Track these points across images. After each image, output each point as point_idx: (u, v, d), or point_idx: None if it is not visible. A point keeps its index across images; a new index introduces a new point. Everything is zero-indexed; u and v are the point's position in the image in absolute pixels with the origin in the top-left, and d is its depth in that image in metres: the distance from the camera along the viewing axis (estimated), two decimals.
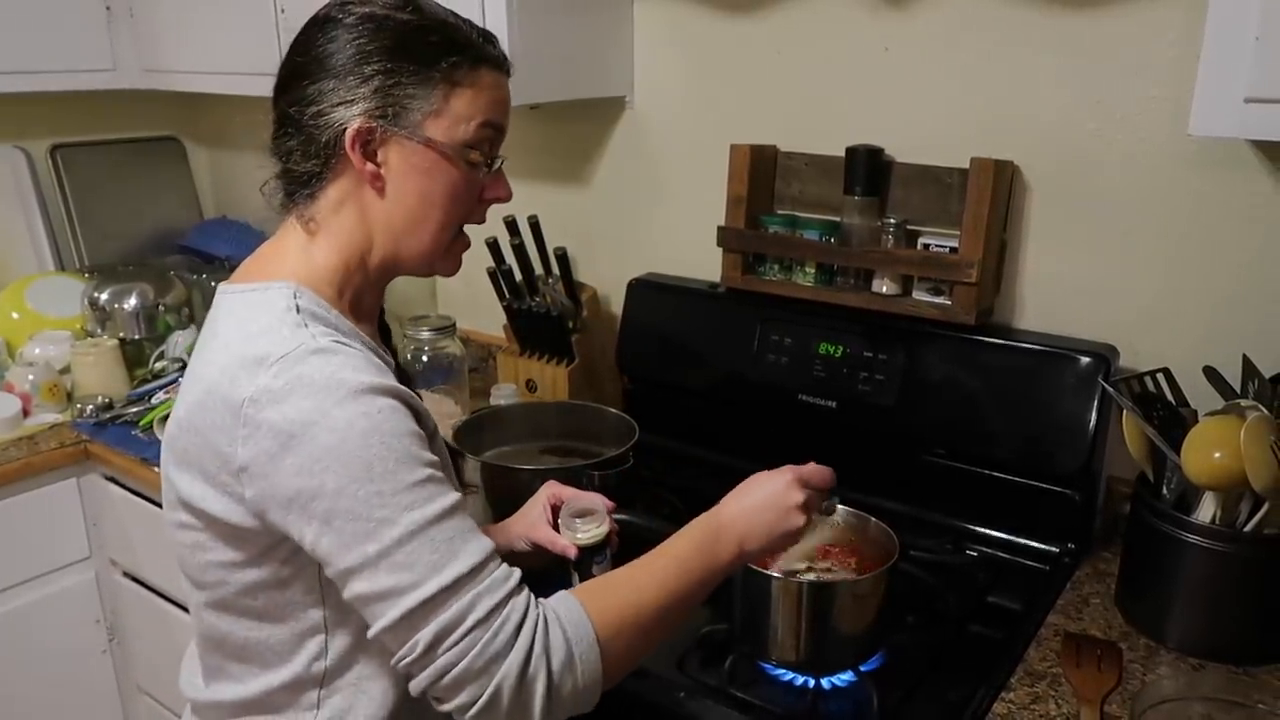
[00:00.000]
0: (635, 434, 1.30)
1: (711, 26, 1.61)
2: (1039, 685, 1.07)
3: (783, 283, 1.52)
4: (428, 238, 0.91)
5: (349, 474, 0.77)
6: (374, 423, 0.78)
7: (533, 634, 0.79)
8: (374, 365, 0.82)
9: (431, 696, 0.79)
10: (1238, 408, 1.12)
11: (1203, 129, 1.01)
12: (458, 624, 0.77)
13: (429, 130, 0.87)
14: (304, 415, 0.77)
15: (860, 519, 1.16)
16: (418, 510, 0.78)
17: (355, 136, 0.85)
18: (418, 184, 0.88)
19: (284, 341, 0.80)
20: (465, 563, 0.78)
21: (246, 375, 0.79)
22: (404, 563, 0.77)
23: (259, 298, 0.86)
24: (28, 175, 2.20)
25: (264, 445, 0.78)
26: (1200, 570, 1.11)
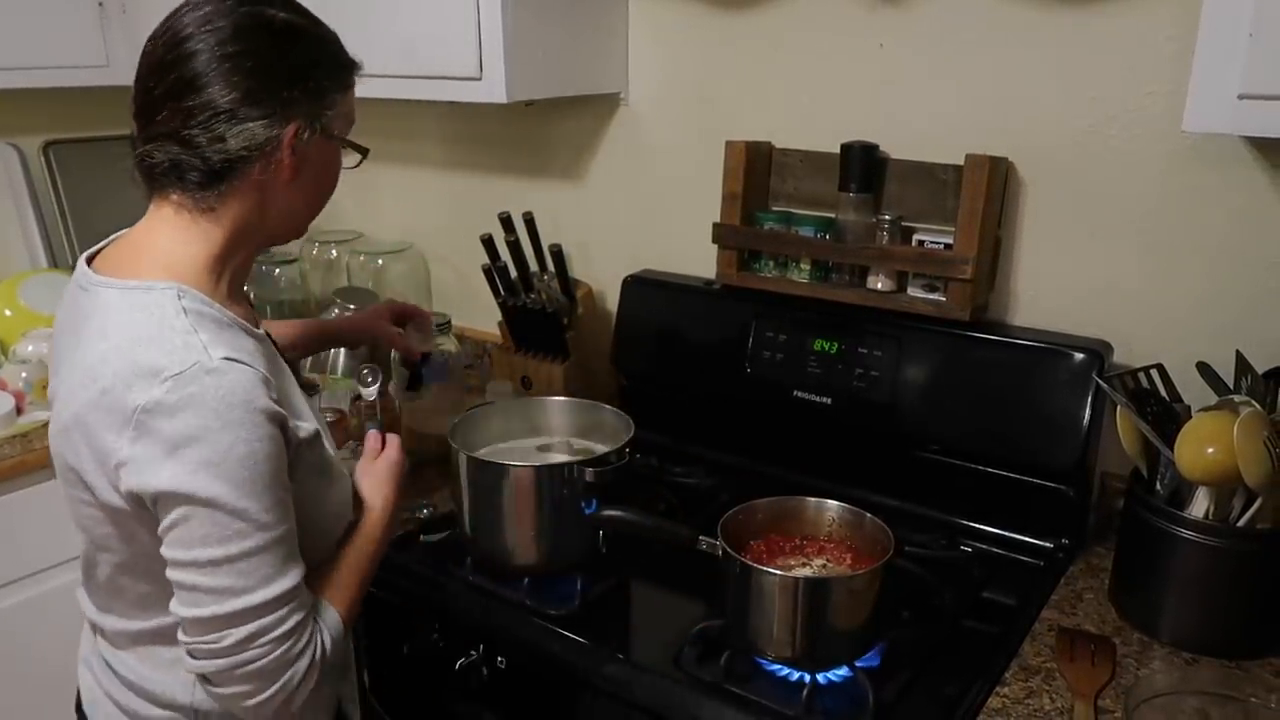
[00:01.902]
0: (631, 430, 1.30)
1: (706, 23, 1.61)
2: (1033, 680, 1.08)
3: (778, 279, 1.52)
4: (312, 217, 1.04)
5: (221, 489, 0.86)
6: (252, 449, 0.87)
7: (315, 646, 0.93)
8: (262, 382, 0.89)
9: (207, 679, 0.91)
10: (1231, 403, 1.12)
11: (1197, 125, 1.01)
12: (270, 631, 0.89)
13: (335, 129, 0.99)
14: (191, 431, 0.85)
15: (856, 515, 1.16)
16: (270, 531, 0.89)
17: (292, 138, 0.94)
18: (321, 174, 1.00)
19: (177, 356, 0.87)
20: (291, 581, 0.91)
21: (141, 385, 0.86)
22: (246, 571, 0.88)
23: (144, 299, 0.91)
24: (20, 172, 2.19)
25: (149, 449, 0.85)
26: (1194, 565, 1.11)
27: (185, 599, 0.89)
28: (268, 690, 0.90)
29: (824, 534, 1.18)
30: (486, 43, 1.48)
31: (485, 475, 1.25)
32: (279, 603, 0.90)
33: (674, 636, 1.14)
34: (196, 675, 0.92)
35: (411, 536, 1.39)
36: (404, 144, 2.08)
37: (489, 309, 1.83)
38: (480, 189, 1.98)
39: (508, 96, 1.50)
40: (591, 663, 1.14)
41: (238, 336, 0.93)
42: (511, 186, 1.93)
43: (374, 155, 1.09)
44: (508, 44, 1.47)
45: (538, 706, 1.21)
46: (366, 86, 1.60)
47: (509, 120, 1.89)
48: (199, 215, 0.95)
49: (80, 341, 0.92)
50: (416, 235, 2.11)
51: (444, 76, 1.54)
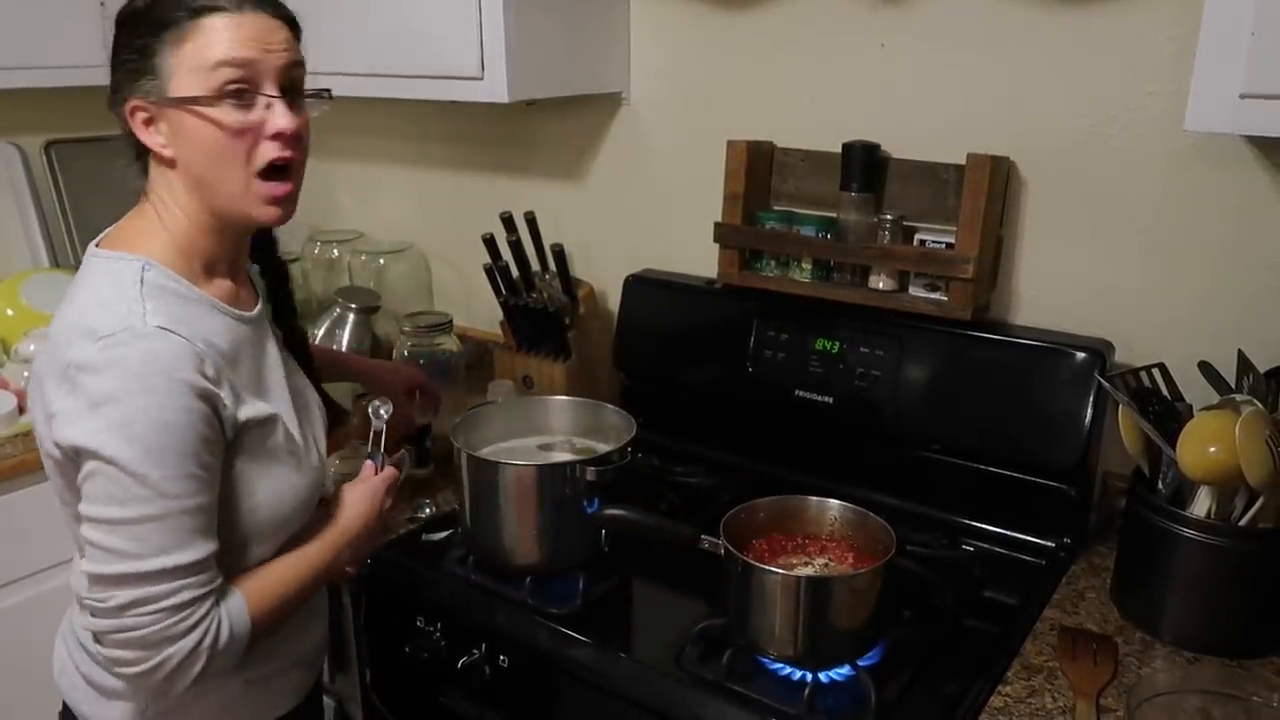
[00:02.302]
0: (633, 430, 1.30)
1: (708, 22, 1.61)
2: (1035, 679, 1.08)
3: (779, 279, 1.52)
4: (224, 189, 0.96)
5: (129, 451, 0.87)
6: (165, 416, 0.88)
7: (205, 629, 0.92)
8: (193, 355, 0.91)
9: (98, 639, 0.93)
10: (1233, 402, 1.12)
11: (1198, 124, 1.01)
12: (155, 600, 0.89)
13: (175, 91, 0.93)
14: (111, 390, 0.87)
15: (857, 514, 1.16)
16: (171, 500, 0.89)
17: (132, 116, 0.95)
18: (191, 143, 0.94)
19: (116, 319, 0.90)
20: (188, 556, 0.90)
21: (79, 343, 0.89)
22: (140, 535, 0.89)
23: (115, 267, 0.96)
24: (22, 171, 2.19)
25: (74, 403, 0.89)
26: (1195, 564, 1.11)
27: (88, 554, 0.91)
28: (146, 662, 0.90)
29: (826, 533, 1.18)
30: (488, 42, 1.48)
31: (487, 474, 1.25)
32: (170, 575, 0.89)
33: (676, 635, 1.14)
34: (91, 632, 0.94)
35: (414, 535, 1.39)
36: (406, 143, 2.08)
37: (490, 308, 1.83)
38: (482, 188, 1.99)
39: (509, 96, 1.50)
40: (593, 662, 1.14)
41: (201, 313, 0.96)
42: (513, 186, 1.93)
43: (375, 155, 1.08)
44: (509, 43, 1.47)
45: (539, 706, 1.21)
46: (368, 86, 1.62)
47: (511, 120, 1.89)
48: (146, 199, 1.00)
49: (62, 305, 0.97)
50: (418, 235, 2.11)
51: (446, 76, 1.54)
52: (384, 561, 1.33)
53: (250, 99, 0.94)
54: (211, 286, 1.00)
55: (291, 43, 0.98)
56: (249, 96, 0.94)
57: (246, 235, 1.06)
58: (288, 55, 0.96)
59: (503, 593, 1.25)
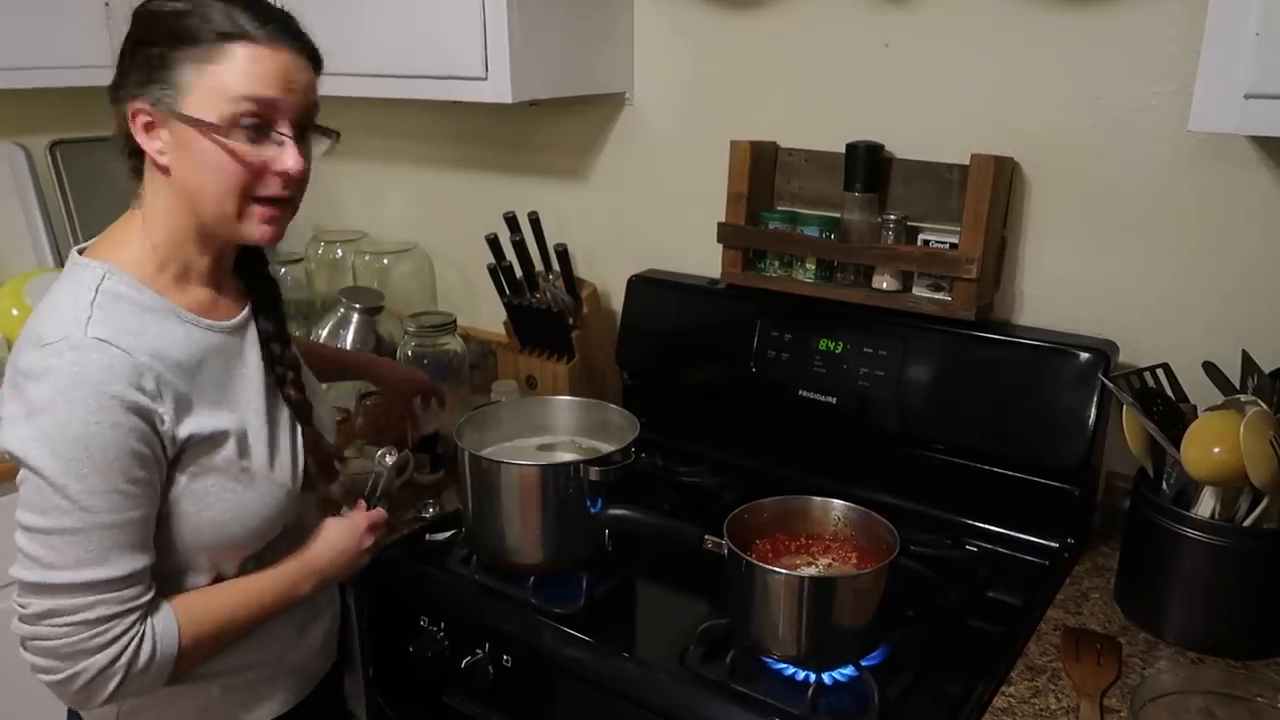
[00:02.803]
0: (636, 430, 1.30)
1: (711, 22, 1.61)
2: (1039, 679, 1.08)
3: (783, 279, 1.52)
4: (214, 208, 0.96)
5: (51, 461, 0.87)
6: (89, 430, 0.87)
7: (124, 646, 0.91)
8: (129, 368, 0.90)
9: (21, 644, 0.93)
10: (1237, 403, 1.12)
11: (1203, 125, 1.01)
12: (66, 614, 0.89)
13: (188, 108, 0.92)
14: (43, 399, 0.88)
15: (861, 514, 1.16)
16: (90, 514, 0.88)
17: (133, 119, 0.94)
18: (193, 160, 0.94)
19: (59, 327, 0.90)
20: (106, 573, 0.90)
21: (27, 349, 0.90)
22: (57, 546, 0.89)
23: (78, 274, 0.96)
24: (27, 172, 2.19)
25: (13, 409, 0.90)
26: (1199, 565, 1.11)
27: (16, 558, 0.91)
28: (60, 673, 0.91)
29: (829, 533, 1.18)
30: (492, 43, 1.48)
31: (491, 474, 1.25)
32: (86, 590, 0.89)
33: (679, 635, 1.14)
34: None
35: (417, 535, 1.39)
36: (409, 144, 2.08)
37: (494, 308, 1.84)
38: (485, 189, 1.99)
39: (513, 96, 1.50)
40: (596, 662, 1.14)
41: (160, 322, 0.95)
42: (516, 186, 1.94)
43: (379, 155, 1.08)
44: (513, 44, 1.47)
45: (542, 705, 1.21)
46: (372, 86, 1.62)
47: (514, 120, 1.89)
48: (135, 201, 1.00)
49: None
50: (422, 235, 2.12)
51: (449, 76, 1.55)
52: (388, 561, 1.33)
53: (264, 134, 0.94)
54: (185, 295, 1.00)
55: (313, 84, 0.97)
56: (264, 132, 0.94)
57: (232, 245, 1.04)
58: (307, 96, 0.97)
59: (506, 592, 1.25)
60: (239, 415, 1.01)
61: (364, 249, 2.10)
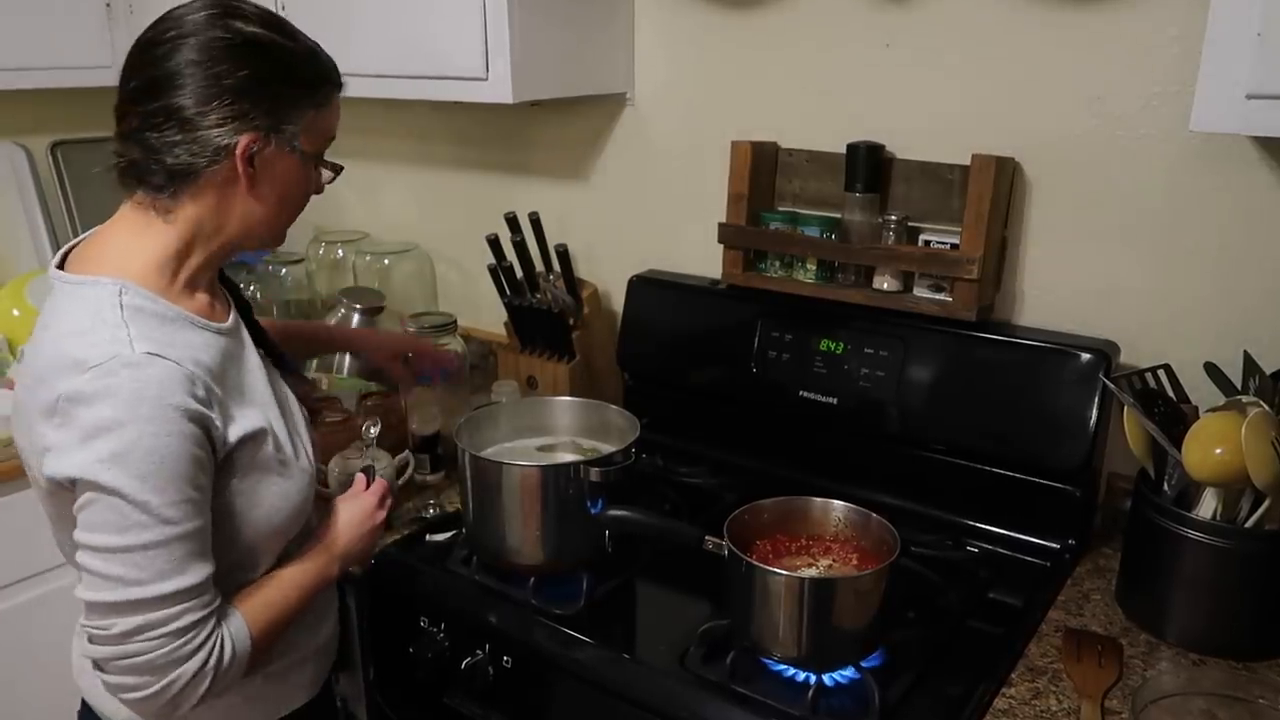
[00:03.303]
0: (637, 430, 1.30)
1: (712, 23, 1.61)
2: (1040, 681, 1.07)
3: (783, 279, 1.52)
4: (279, 227, 1.05)
5: (124, 480, 0.88)
6: (160, 443, 0.88)
7: (210, 650, 0.94)
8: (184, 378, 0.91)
9: (100, 666, 0.93)
10: (1239, 404, 1.12)
11: (1204, 125, 1.01)
12: (158, 626, 0.90)
13: (301, 144, 1.00)
14: (104, 421, 0.88)
15: (861, 515, 1.16)
16: (171, 526, 0.90)
17: (245, 148, 0.96)
18: (282, 187, 1.01)
19: (102, 348, 0.90)
20: (188, 580, 0.91)
21: (66, 375, 0.89)
22: (140, 563, 0.89)
23: (86, 293, 0.95)
24: (28, 172, 2.20)
25: (67, 436, 0.89)
26: (1201, 566, 1.11)
27: (86, 581, 0.92)
28: (152, 686, 0.91)
29: (830, 534, 1.17)
30: (492, 43, 1.48)
31: (491, 475, 1.25)
32: (172, 600, 0.91)
33: (680, 636, 1.14)
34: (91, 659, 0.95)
35: (418, 536, 1.39)
36: (410, 144, 2.08)
37: (495, 309, 1.84)
38: (486, 189, 1.99)
39: (513, 97, 1.50)
40: (597, 662, 1.14)
41: (182, 331, 0.96)
42: (517, 186, 1.94)
43: (380, 155, 1.10)
44: (513, 44, 1.47)
45: (543, 706, 1.21)
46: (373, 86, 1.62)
47: (515, 120, 1.89)
48: (157, 215, 0.98)
49: (34, 337, 0.99)
50: (422, 235, 2.12)
51: (450, 76, 1.55)
52: (388, 562, 1.33)
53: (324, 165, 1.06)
54: (192, 301, 1.01)
55: None
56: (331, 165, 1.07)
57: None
58: None
59: (506, 593, 1.25)
60: (262, 411, 1.03)
61: (365, 249, 2.10)
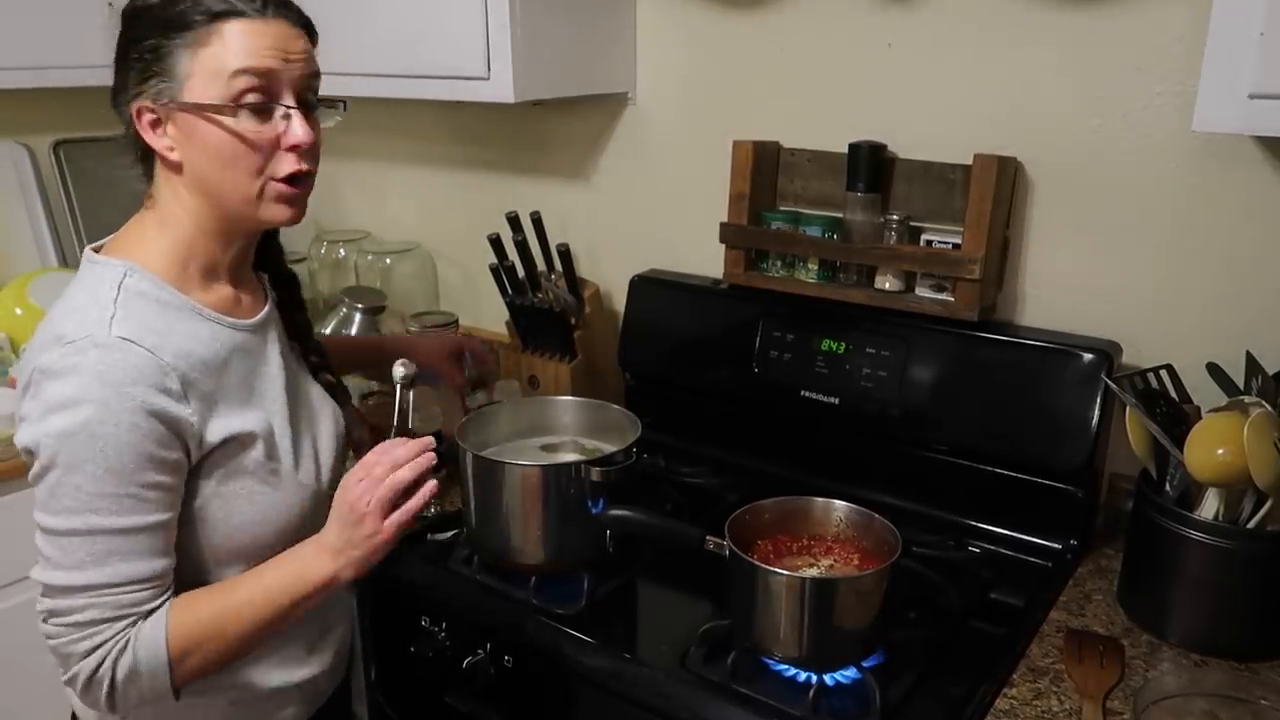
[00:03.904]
0: (638, 430, 1.30)
1: (714, 22, 1.60)
2: (1041, 681, 1.07)
3: (785, 279, 1.52)
4: (233, 194, 0.95)
5: (64, 459, 0.87)
6: (106, 430, 0.86)
7: (106, 653, 0.90)
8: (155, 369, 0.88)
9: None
10: (1241, 404, 1.12)
11: (1207, 125, 1.01)
12: (61, 615, 0.90)
13: (189, 95, 0.91)
14: (63, 398, 0.86)
15: (863, 515, 1.16)
16: (97, 516, 0.88)
17: (139, 119, 0.93)
18: (203, 149, 0.92)
19: (82, 326, 0.88)
20: (101, 577, 0.89)
21: (47, 348, 0.89)
22: (62, 546, 0.89)
23: (98, 272, 0.94)
24: (30, 171, 2.20)
25: (35, 407, 0.88)
26: (1203, 567, 1.11)
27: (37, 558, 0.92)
28: (63, 674, 0.91)
29: (831, 534, 1.17)
30: (494, 42, 1.48)
31: (492, 474, 1.25)
32: (80, 592, 0.89)
33: (681, 636, 1.14)
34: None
35: (419, 535, 1.39)
36: (411, 143, 2.08)
37: (496, 308, 1.84)
38: (488, 188, 1.99)
39: (515, 96, 1.50)
40: (598, 662, 1.14)
41: (183, 320, 0.94)
42: (519, 186, 1.94)
43: (381, 155, 1.07)
44: (515, 44, 1.47)
45: (544, 706, 1.21)
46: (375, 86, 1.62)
47: (516, 120, 1.89)
48: (149, 202, 0.98)
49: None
50: (424, 235, 2.12)
51: (452, 76, 1.55)
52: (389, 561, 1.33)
53: (269, 109, 0.92)
54: (208, 293, 0.99)
55: (310, 52, 0.96)
56: (268, 107, 0.92)
57: (253, 238, 1.04)
58: (306, 65, 0.95)
59: (507, 593, 1.25)
60: (265, 415, 1.00)
61: (366, 248, 2.10)
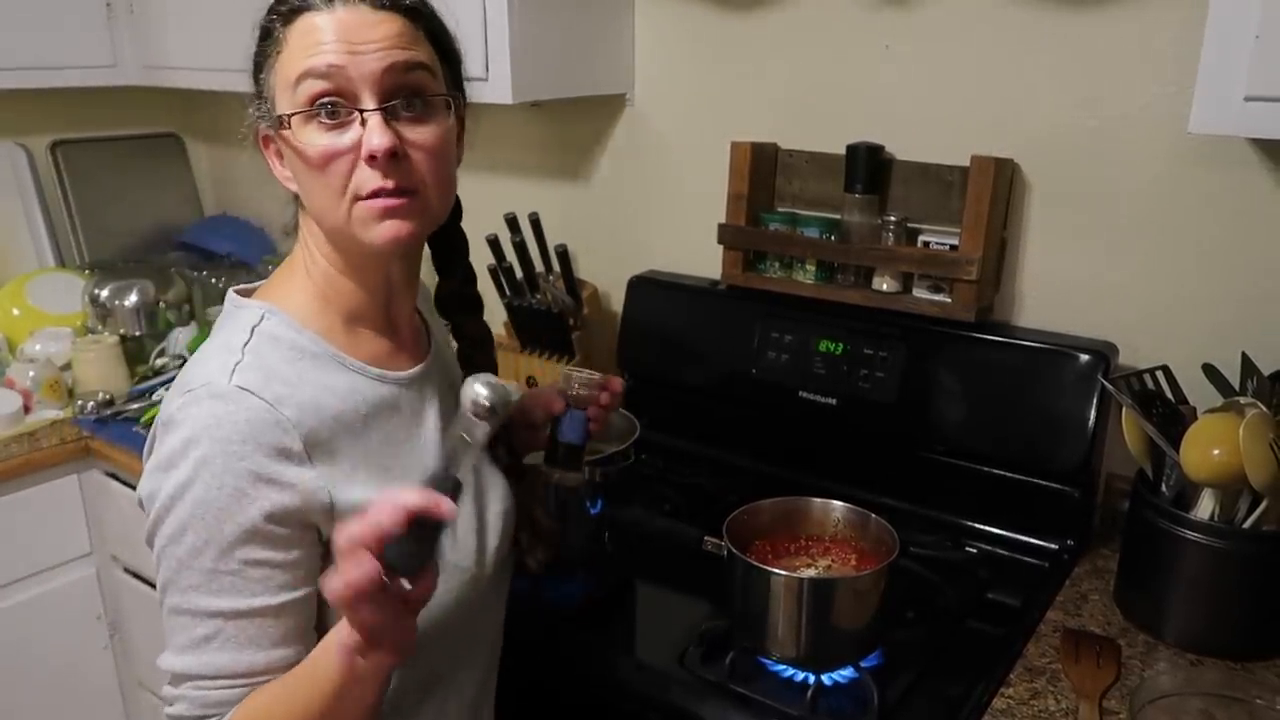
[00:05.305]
0: (636, 431, 1.30)
1: (712, 24, 1.61)
2: (1038, 681, 1.08)
3: (783, 280, 1.53)
4: (324, 215, 0.82)
5: (170, 526, 0.78)
6: (209, 494, 0.76)
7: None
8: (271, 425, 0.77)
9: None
10: (1237, 405, 1.12)
11: (1203, 127, 1.01)
12: (166, 702, 0.81)
13: (278, 109, 0.80)
14: (171, 453, 0.78)
15: (861, 515, 1.16)
16: (196, 594, 0.78)
17: (265, 146, 0.85)
18: (299, 164, 0.81)
19: (205, 373, 0.80)
20: (195, 665, 0.79)
21: (173, 395, 0.81)
22: (169, 624, 0.80)
23: (236, 315, 0.86)
24: (28, 172, 2.20)
25: (152, 460, 0.81)
26: (1199, 567, 1.11)
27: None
28: None
29: (829, 534, 1.18)
30: (493, 44, 1.48)
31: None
32: (177, 680, 0.80)
33: (679, 636, 1.15)
34: None
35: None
36: None
37: (494, 309, 1.82)
38: (486, 189, 1.98)
39: (513, 97, 1.50)
40: (596, 662, 1.14)
41: (320, 370, 0.83)
42: (517, 187, 1.94)
43: None
44: (514, 45, 1.47)
45: (541, 705, 1.21)
46: None
47: (515, 121, 1.89)
48: (296, 239, 0.89)
49: None
50: None
51: None
52: None
53: (345, 115, 0.78)
54: (356, 341, 0.87)
55: (401, 38, 0.79)
56: (342, 112, 0.78)
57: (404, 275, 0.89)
58: (389, 55, 0.78)
59: None
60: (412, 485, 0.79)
61: None
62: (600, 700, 1.13)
